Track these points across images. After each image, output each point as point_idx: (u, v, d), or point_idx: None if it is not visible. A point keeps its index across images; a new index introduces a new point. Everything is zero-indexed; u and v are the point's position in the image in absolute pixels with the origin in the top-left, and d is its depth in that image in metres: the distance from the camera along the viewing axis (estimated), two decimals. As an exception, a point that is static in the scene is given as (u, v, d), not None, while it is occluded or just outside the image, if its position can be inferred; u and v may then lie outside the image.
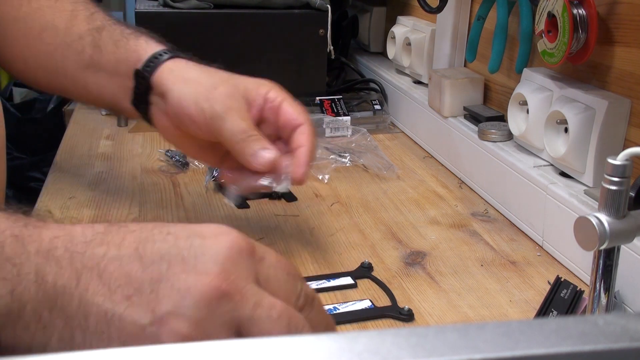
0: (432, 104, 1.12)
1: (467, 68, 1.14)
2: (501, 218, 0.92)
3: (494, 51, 0.96)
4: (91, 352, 0.28)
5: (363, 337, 0.28)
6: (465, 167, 1.03)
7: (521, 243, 0.85)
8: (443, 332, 0.29)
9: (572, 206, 0.77)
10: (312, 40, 1.25)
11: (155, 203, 0.94)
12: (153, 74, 0.74)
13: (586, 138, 0.78)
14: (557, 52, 0.80)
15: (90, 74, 0.79)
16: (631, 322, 0.29)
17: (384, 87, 1.35)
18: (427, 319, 0.70)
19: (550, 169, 0.86)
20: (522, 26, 0.90)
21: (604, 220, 0.55)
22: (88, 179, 1.02)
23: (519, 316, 0.70)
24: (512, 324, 0.29)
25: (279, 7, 1.24)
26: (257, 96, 0.72)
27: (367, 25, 1.51)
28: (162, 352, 0.28)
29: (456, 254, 0.82)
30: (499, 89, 1.05)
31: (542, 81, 0.87)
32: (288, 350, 0.28)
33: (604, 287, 0.59)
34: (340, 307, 0.70)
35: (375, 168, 1.06)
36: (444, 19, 1.14)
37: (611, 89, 0.79)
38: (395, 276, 0.77)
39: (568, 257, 0.79)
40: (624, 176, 0.55)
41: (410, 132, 1.24)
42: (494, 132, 0.96)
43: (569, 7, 0.77)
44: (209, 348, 0.28)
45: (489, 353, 0.28)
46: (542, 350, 0.28)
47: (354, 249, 0.83)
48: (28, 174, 2.04)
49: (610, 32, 0.78)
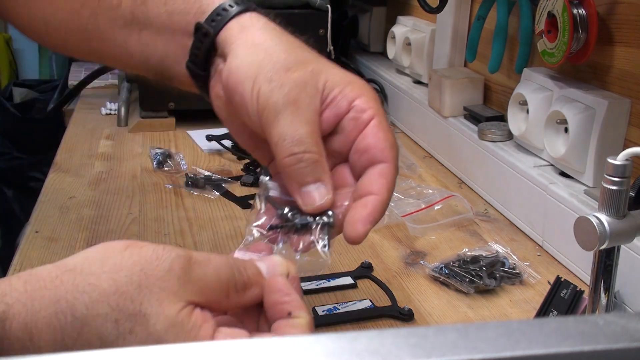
0: (432, 104, 1.12)
1: (467, 68, 1.14)
2: (501, 218, 0.92)
3: (494, 51, 0.96)
4: (91, 352, 0.29)
5: (363, 337, 0.28)
6: (465, 167, 1.03)
7: (521, 243, 0.85)
8: (443, 332, 0.29)
9: (572, 206, 0.77)
10: (312, 40, 1.25)
11: (155, 203, 0.94)
12: (220, 30, 0.57)
13: (586, 138, 0.78)
14: (557, 52, 0.80)
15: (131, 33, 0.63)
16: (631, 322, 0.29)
17: (384, 87, 1.35)
18: (427, 319, 0.70)
19: (550, 169, 0.86)
20: (522, 26, 0.90)
21: (604, 220, 0.55)
22: (88, 179, 1.02)
23: (519, 316, 0.70)
24: (512, 324, 0.29)
25: (278, 7, 1.24)
26: (340, 97, 0.53)
27: (367, 25, 1.51)
28: (162, 352, 0.28)
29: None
30: (499, 89, 1.05)
31: (542, 81, 0.87)
32: (288, 350, 0.28)
33: (604, 287, 0.59)
34: (340, 307, 0.70)
35: None
36: (444, 19, 1.14)
37: (611, 89, 0.79)
38: (395, 276, 0.77)
39: (568, 257, 0.79)
40: (624, 176, 0.55)
41: (410, 132, 1.24)
42: (494, 132, 0.96)
43: (569, 7, 0.77)
44: (209, 348, 0.28)
45: (489, 353, 0.28)
46: (542, 350, 0.28)
47: (354, 249, 0.83)
48: (28, 174, 2.04)
49: (610, 32, 0.78)
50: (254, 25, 0.56)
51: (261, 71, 0.52)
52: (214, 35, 0.56)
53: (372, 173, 0.52)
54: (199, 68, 0.58)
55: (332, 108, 0.53)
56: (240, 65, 0.54)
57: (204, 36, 0.57)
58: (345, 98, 0.53)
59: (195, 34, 0.58)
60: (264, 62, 0.53)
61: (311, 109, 0.52)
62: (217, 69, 0.57)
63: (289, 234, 0.52)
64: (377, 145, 0.52)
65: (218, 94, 0.57)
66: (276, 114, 0.51)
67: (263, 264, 0.47)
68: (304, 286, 0.74)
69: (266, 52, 0.54)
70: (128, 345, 0.40)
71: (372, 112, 0.53)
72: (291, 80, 0.52)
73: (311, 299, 0.72)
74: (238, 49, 0.55)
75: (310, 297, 0.73)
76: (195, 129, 1.22)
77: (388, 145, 0.53)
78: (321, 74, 0.54)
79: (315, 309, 0.70)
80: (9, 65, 2.74)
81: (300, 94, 0.52)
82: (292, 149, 0.50)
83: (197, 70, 0.58)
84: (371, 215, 0.51)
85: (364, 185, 0.52)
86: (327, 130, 0.53)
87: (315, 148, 0.51)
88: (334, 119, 0.53)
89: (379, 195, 0.51)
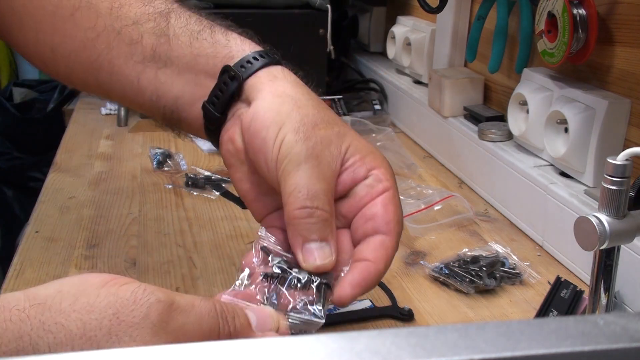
0: (432, 104, 1.12)
1: (467, 68, 1.14)
2: (501, 218, 0.92)
3: (494, 51, 0.96)
4: (91, 352, 0.28)
5: (363, 337, 0.28)
6: (465, 167, 1.03)
7: (521, 243, 0.85)
8: (443, 332, 0.29)
9: (572, 206, 0.77)
10: (312, 40, 1.25)
11: (155, 203, 0.94)
12: (250, 77, 0.56)
13: (586, 138, 0.78)
14: (557, 52, 0.80)
15: (148, 69, 0.61)
16: (631, 322, 0.29)
17: (384, 87, 1.35)
18: (427, 319, 0.70)
19: (550, 169, 0.86)
20: (522, 26, 0.90)
21: (604, 220, 0.55)
22: (88, 179, 1.02)
23: (519, 316, 0.70)
24: (512, 324, 0.29)
25: (278, 7, 1.24)
26: (360, 164, 0.53)
27: (367, 25, 1.51)
28: (161, 352, 0.28)
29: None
30: (499, 89, 1.05)
31: (542, 81, 0.87)
32: (288, 350, 0.28)
33: (604, 287, 0.59)
34: (340, 307, 0.70)
35: (396, 166, 1.07)
36: (444, 19, 1.14)
37: (611, 89, 0.79)
38: (395, 276, 0.77)
39: (568, 257, 0.79)
40: (624, 176, 0.55)
41: (410, 132, 1.24)
42: (494, 132, 0.96)
43: (569, 7, 0.77)
44: (209, 348, 0.28)
45: (489, 353, 0.28)
46: (542, 350, 0.28)
47: (354, 249, 0.83)
48: (28, 174, 2.04)
49: (610, 32, 0.78)
50: (286, 77, 0.56)
51: (289, 120, 0.52)
52: (243, 79, 0.56)
53: (374, 242, 0.52)
54: (217, 110, 0.57)
55: (350, 172, 0.53)
56: (268, 109, 0.53)
57: (230, 79, 0.56)
58: (365, 165, 0.53)
59: (220, 76, 0.57)
60: (292, 112, 0.52)
61: (332, 168, 0.52)
62: (237, 113, 0.57)
63: (282, 285, 0.51)
64: (385, 216, 0.52)
65: (231, 138, 0.57)
66: (297, 164, 0.50)
67: (253, 314, 0.46)
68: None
69: (295, 103, 0.53)
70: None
71: (388, 184, 0.53)
72: (317, 135, 0.52)
73: (311, 299, 0.73)
74: (267, 96, 0.54)
75: (310, 297, 0.73)
76: (195, 129, 1.22)
77: (395, 219, 0.52)
78: (346, 138, 0.53)
79: (315, 309, 0.70)
80: (9, 65, 2.73)
81: (324, 151, 0.51)
82: (305, 202, 0.50)
83: (214, 112, 0.57)
84: (364, 281, 0.50)
85: (363, 251, 0.52)
86: (341, 193, 0.53)
87: (328, 207, 0.51)
88: (350, 183, 0.53)
89: (376, 264, 0.51)
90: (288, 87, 0.55)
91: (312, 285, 0.50)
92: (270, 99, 0.54)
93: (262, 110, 0.53)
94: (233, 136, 0.56)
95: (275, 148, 0.51)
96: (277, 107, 0.53)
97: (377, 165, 0.53)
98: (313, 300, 0.50)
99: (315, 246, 0.50)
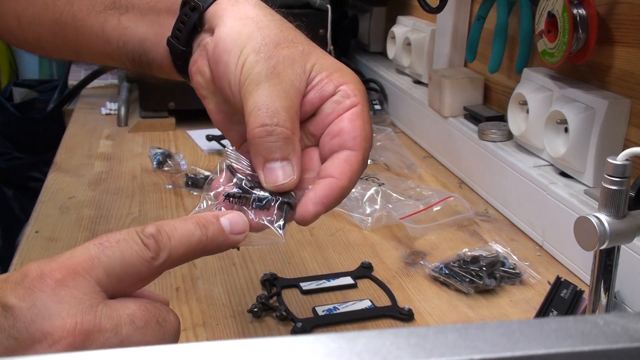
0: (432, 104, 1.12)
1: (467, 68, 1.14)
2: (501, 218, 0.92)
3: (494, 51, 0.96)
4: (91, 352, 0.29)
5: (363, 337, 0.28)
6: (465, 167, 1.03)
7: (521, 243, 0.85)
8: (443, 332, 0.29)
9: (572, 206, 0.77)
10: (312, 40, 1.25)
11: (155, 203, 0.94)
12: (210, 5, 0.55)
13: (586, 138, 0.78)
14: (557, 52, 0.80)
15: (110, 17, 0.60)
16: (631, 322, 0.29)
17: (384, 87, 1.35)
18: (427, 319, 0.70)
19: (550, 169, 0.86)
20: (522, 26, 0.90)
21: (604, 220, 0.55)
22: (88, 179, 1.02)
23: (519, 316, 0.70)
24: (512, 324, 0.29)
25: (278, 7, 1.24)
26: (327, 81, 0.52)
27: (367, 25, 1.51)
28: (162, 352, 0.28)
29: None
30: (499, 89, 1.05)
31: (542, 81, 0.87)
32: (288, 350, 0.28)
33: (604, 287, 0.59)
34: (340, 307, 0.70)
35: (396, 167, 1.07)
36: (444, 19, 1.14)
37: (611, 89, 0.79)
38: (395, 276, 0.77)
39: (568, 257, 0.79)
40: (624, 176, 0.55)
41: (410, 132, 1.24)
42: (494, 132, 0.96)
43: (569, 7, 0.77)
44: (208, 348, 0.28)
45: (489, 353, 0.28)
46: (542, 350, 0.28)
47: (354, 249, 0.83)
48: (28, 174, 2.04)
49: (610, 32, 0.78)
50: (247, 0, 0.55)
51: (250, 42, 0.51)
52: (204, 9, 0.55)
53: (338, 157, 0.50)
54: (181, 43, 0.56)
55: (317, 90, 0.52)
56: (229, 34, 0.52)
57: (191, 10, 0.56)
58: (332, 82, 0.52)
59: (181, 9, 0.56)
60: (254, 34, 0.52)
61: (294, 86, 0.50)
62: (202, 43, 0.56)
63: (244, 205, 0.50)
64: (351, 131, 0.51)
65: (200, 69, 0.56)
66: (257, 84, 0.49)
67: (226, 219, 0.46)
68: (303, 286, 0.74)
69: (257, 25, 0.52)
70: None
71: (356, 99, 0.52)
72: (279, 55, 0.51)
73: (311, 299, 0.73)
74: (228, 20, 0.53)
75: (310, 297, 0.73)
76: (195, 129, 1.22)
77: (362, 134, 0.51)
78: (311, 56, 0.53)
79: (315, 309, 0.70)
80: (9, 65, 2.74)
81: (286, 69, 0.50)
82: (264, 120, 0.49)
83: (179, 45, 0.56)
84: (326, 197, 0.49)
85: (327, 168, 0.50)
86: (309, 112, 0.52)
87: (289, 124, 0.49)
88: (318, 101, 0.52)
89: (340, 180, 0.49)
90: (250, 10, 0.54)
91: (273, 204, 0.50)
92: (231, 24, 0.53)
93: (224, 36, 0.52)
94: (201, 67, 0.56)
95: (237, 71, 0.51)
96: (238, 30, 0.52)
97: (346, 82, 0.52)
98: (273, 219, 0.49)
99: (277, 165, 0.49)
